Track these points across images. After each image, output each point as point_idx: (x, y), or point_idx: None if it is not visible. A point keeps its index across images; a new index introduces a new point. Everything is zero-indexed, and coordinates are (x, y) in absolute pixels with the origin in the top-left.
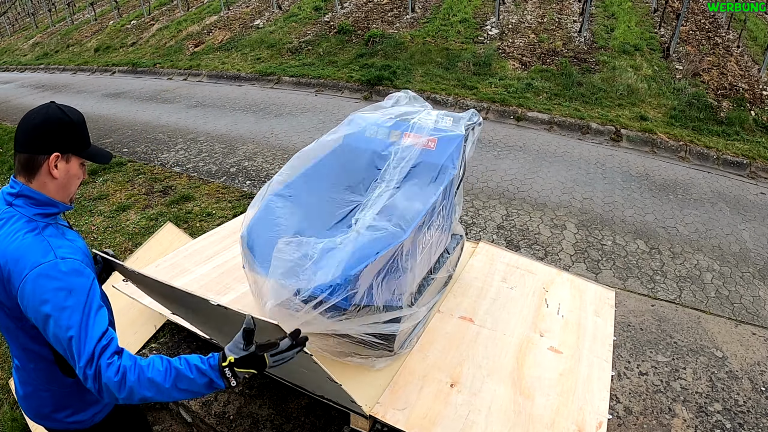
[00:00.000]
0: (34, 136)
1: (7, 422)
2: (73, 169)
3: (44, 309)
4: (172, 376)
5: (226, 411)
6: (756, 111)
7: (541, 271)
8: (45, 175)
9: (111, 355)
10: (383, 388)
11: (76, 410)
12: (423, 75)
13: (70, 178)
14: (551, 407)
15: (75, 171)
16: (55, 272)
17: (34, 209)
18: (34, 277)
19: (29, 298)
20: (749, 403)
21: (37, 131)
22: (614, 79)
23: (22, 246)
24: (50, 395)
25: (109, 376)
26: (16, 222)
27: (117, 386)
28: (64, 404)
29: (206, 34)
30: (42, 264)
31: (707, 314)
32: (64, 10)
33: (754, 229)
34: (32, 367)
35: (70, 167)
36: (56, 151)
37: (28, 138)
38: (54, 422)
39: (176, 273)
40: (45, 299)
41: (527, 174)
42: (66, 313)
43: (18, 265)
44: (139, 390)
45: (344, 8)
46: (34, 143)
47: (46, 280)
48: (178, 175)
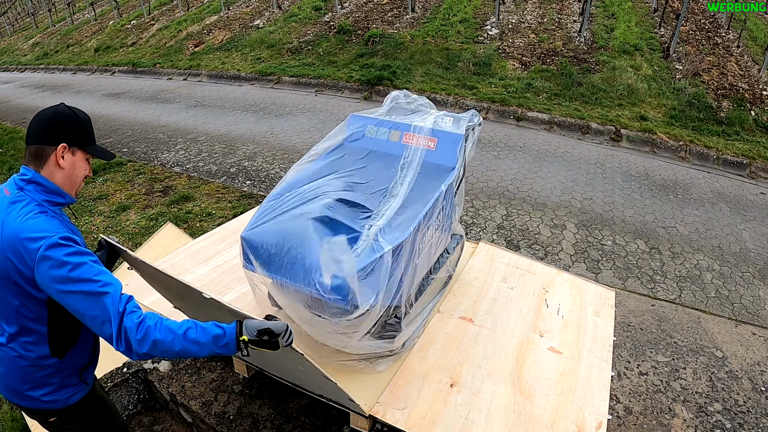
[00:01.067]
0: (44, 127)
1: (7, 422)
2: (78, 161)
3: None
4: (185, 326)
5: (226, 411)
6: (756, 111)
7: (541, 271)
8: (53, 165)
9: (134, 306)
10: (383, 388)
11: (52, 390)
12: (423, 75)
13: (76, 170)
14: (551, 407)
15: (80, 164)
16: (68, 242)
17: (43, 195)
18: (48, 246)
19: (47, 269)
20: (749, 403)
21: (48, 123)
22: (614, 79)
23: (36, 223)
24: (28, 374)
25: (133, 320)
26: (28, 205)
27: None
28: (42, 383)
29: (206, 34)
30: (55, 235)
31: (707, 314)
32: (64, 10)
33: (754, 229)
34: (18, 344)
35: (75, 159)
36: (64, 143)
37: (39, 130)
38: (28, 401)
39: (176, 273)
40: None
41: (527, 174)
42: (85, 268)
43: (33, 241)
44: (154, 333)
45: (344, 8)
46: (44, 134)
47: (61, 249)
48: (178, 175)
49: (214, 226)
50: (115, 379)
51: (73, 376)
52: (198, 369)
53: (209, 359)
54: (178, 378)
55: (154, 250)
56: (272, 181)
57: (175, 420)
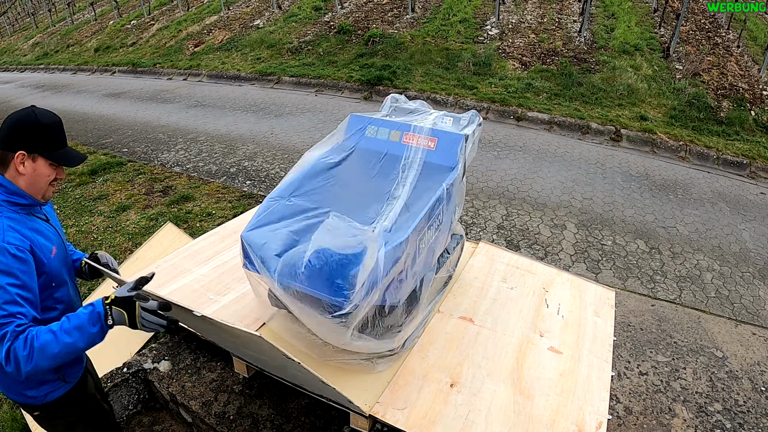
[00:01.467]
0: (6, 134)
1: (8, 422)
2: (40, 167)
3: None
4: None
5: (226, 411)
6: (756, 111)
7: (541, 271)
8: (13, 170)
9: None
10: (383, 388)
11: (30, 386)
12: (423, 75)
13: (38, 176)
14: (551, 407)
15: (43, 170)
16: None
17: (3, 196)
18: None
19: None
20: (749, 403)
21: (9, 130)
22: (614, 79)
23: None
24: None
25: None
26: None
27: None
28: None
29: (206, 34)
30: None
31: (707, 314)
32: (64, 10)
33: (754, 229)
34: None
35: (36, 166)
36: (22, 150)
37: (2, 135)
38: (14, 394)
39: (176, 273)
40: None
41: (527, 174)
42: None
43: None
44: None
45: (344, 8)
46: (5, 140)
47: None
48: (178, 175)
49: (214, 226)
50: (115, 379)
51: (50, 374)
52: (198, 369)
53: (210, 359)
54: (178, 378)
55: (154, 250)
56: (272, 181)
57: (175, 420)
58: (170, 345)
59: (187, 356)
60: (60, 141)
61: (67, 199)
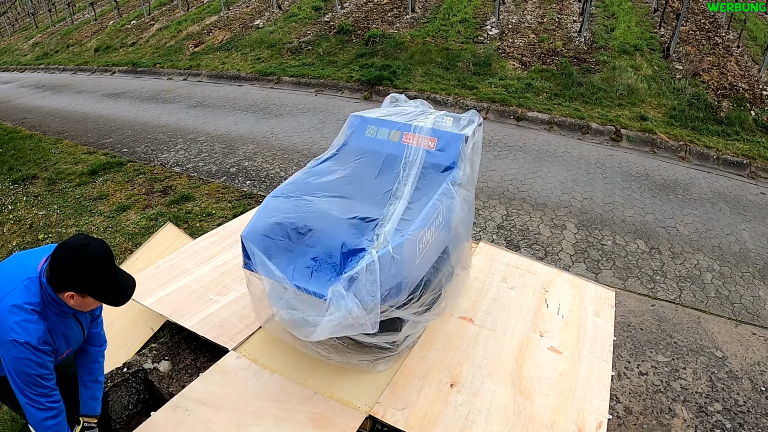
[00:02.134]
0: (55, 274)
1: (7, 422)
2: (89, 301)
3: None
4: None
5: None
6: (756, 111)
7: (541, 271)
8: (65, 297)
9: None
10: (383, 388)
11: None
12: (423, 75)
13: (86, 305)
14: (551, 407)
15: (91, 302)
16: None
17: (53, 296)
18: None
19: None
20: (749, 403)
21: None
22: (614, 79)
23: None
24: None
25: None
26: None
27: None
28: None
29: (206, 34)
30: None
31: (707, 314)
32: (64, 10)
33: (754, 229)
34: None
35: (85, 300)
36: (71, 291)
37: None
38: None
39: (176, 274)
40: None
41: (527, 174)
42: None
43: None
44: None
45: (344, 8)
46: (54, 281)
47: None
48: (178, 175)
49: (214, 226)
50: (115, 379)
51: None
52: (198, 369)
53: (210, 359)
54: (178, 378)
55: (154, 250)
56: (272, 181)
57: None
58: (170, 345)
59: (187, 356)
60: (108, 280)
61: (67, 199)
